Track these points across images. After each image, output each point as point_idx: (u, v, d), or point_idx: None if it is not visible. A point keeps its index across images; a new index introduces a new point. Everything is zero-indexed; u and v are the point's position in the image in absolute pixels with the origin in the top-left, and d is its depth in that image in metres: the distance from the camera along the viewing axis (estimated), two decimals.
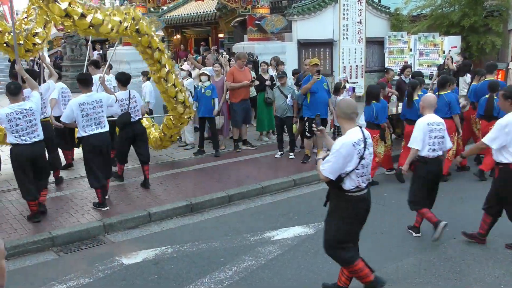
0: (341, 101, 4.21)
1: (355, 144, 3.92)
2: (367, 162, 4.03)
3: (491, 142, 5.17)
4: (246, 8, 12.91)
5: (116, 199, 7.13)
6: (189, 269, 5.13)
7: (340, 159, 3.91)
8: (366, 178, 4.08)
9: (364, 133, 4.05)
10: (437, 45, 14.44)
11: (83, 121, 6.50)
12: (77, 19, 6.45)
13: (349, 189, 4.01)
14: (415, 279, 4.82)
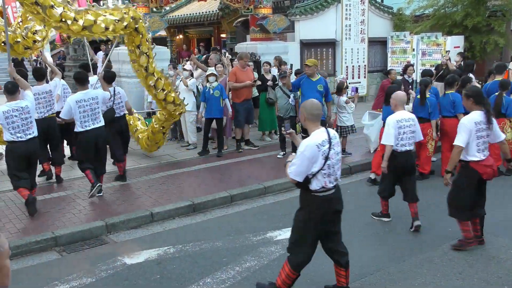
0: (306, 103, 4.25)
1: (319, 146, 3.96)
2: (334, 162, 4.06)
3: (464, 143, 5.23)
4: (249, 8, 12.92)
5: (119, 199, 7.14)
6: (191, 269, 5.14)
7: (305, 161, 3.96)
8: (334, 178, 4.12)
9: (330, 134, 4.09)
10: (440, 45, 14.41)
11: (80, 117, 6.86)
12: (71, 24, 6.72)
13: (315, 189, 4.06)
14: (417, 279, 4.81)
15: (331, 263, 4.61)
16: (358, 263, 5.17)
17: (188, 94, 9.61)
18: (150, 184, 7.78)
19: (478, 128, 5.16)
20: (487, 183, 5.44)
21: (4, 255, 1.84)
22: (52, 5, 6.53)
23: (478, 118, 5.19)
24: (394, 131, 5.87)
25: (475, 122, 5.18)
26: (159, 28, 11.31)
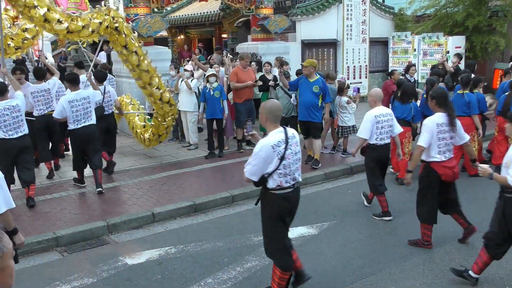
0: (266, 103, 4.31)
1: (274, 146, 4.02)
2: (290, 162, 4.10)
3: (425, 143, 5.29)
4: (250, 9, 12.93)
5: (120, 199, 7.15)
6: (192, 269, 5.14)
7: (260, 161, 4.03)
8: (291, 178, 4.16)
9: (288, 134, 4.12)
10: (441, 45, 14.41)
11: (73, 116, 7.19)
12: (55, 25, 6.96)
13: (272, 187, 4.14)
14: (419, 279, 4.81)
15: (335, 264, 4.60)
16: (359, 263, 5.18)
17: (190, 95, 9.61)
18: (151, 184, 7.79)
19: (439, 129, 5.23)
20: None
21: (7, 255, 1.85)
22: (35, 5, 6.77)
23: (440, 120, 5.26)
24: (370, 126, 6.25)
25: (436, 124, 5.24)
26: (160, 29, 11.32)
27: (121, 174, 8.35)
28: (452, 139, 5.32)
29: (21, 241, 3.82)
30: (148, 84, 8.41)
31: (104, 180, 8.00)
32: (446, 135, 5.25)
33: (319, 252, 5.47)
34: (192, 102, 9.59)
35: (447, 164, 5.29)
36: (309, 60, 8.60)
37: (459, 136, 5.36)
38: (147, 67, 8.31)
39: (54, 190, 7.57)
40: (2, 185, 3.64)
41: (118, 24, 7.73)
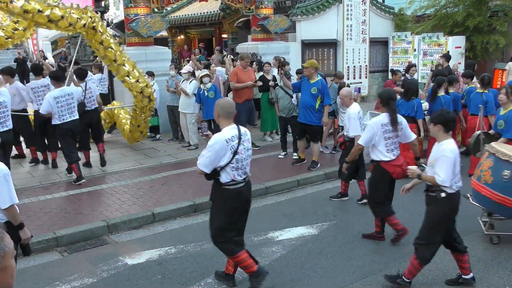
0: (220, 100, 4.53)
1: (228, 140, 4.23)
2: (242, 157, 4.32)
3: (364, 142, 5.49)
4: (250, 9, 12.93)
5: (120, 199, 7.15)
6: (192, 269, 5.14)
7: (214, 154, 4.21)
8: (243, 172, 4.37)
9: (241, 130, 4.34)
10: (441, 45, 14.41)
11: (58, 111, 7.56)
12: (36, 14, 7.40)
13: (225, 182, 4.32)
14: (419, 279, 4.80)
15: (335, 264, 4.59)
16: (359, 263, 5.18)
17: (189, 97, 9.59)
18: (151, 184, 7.79)
19: (384, 129, 5.34)
20: None
21: (9, 254, 1.86)
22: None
23: (385, 120, 5.35)
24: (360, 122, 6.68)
25: (381, 124, 5.35)
26: (160, 29, 11.32)
27: (122, 174, 8.36)
28: (397, 137, 5.46)
29: (27, 236, 3.90)
30: (127, 77, 8.89)
31: (104, 180, 8.01)
32: (391, 135, 5.38)
33: (319, 251, 5.47)
34: (191, 103, 9.58)
35: (396, 162, 5.42)
36: (310, 61, 8.56)
37: (404, 134, 5.48)
38: (122, 62, 8.81)
39: (54, 190, 7.57)
40: (8, 180, 3.71)
41: (95, 23, 8.28)
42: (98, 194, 7.41)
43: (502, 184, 5.19)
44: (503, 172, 5.19)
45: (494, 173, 5.28)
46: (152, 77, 10.56)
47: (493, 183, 5.27)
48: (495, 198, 5.27)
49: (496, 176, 5.23)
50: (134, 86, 8.94)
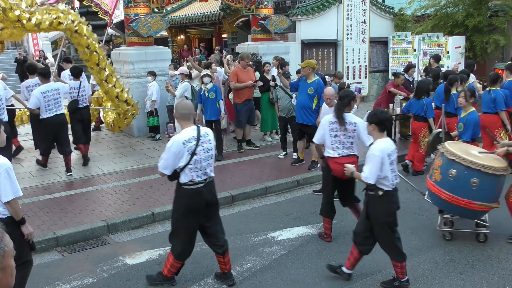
0: (179, 103, 4.70)
1: (185, 142, 4.32)
2: (201, 158, 4.39)
3: (316, 139, 5.71)
4: (250, 9, 12.92)
5: (120, 199, 7.15)
6: (192, 269, 5.14)
7: (171, 156, 4.32)
8: (203, 173, 4.45)
9: (200, 132, 4.43)
10: (441, 45, 14.41)
11: (45, 106, 7.96)
12: (26, 23, 7.87)
13: (183, 182, 4.41)
14: (419, 280, 4.81)
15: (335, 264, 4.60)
16: (359, 263, 5.17)
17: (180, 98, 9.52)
18: (151, 184, 7.79)
19: (331, 127, 5.52)
20: None
21: (9, 254, 1.86)
22: (11, 8, 7.67)
23: (332, 119, 5.54)
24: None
25: (329, 122, 5.55)
26: (160, 29, 11.32)
27: (121, 174, 8.36)
28: (350, 138, 5.51)
29: (29, 231, 3.99)
30: (105, 81, 9.38)
31: (104, 180, 8.01)
32: (339, 133, 5.49)
33: (319, 251, 5.47)
34: None
35: (338, 160, 5.46)
36: (307, 60, 8.55)
37: (359, 138, 5.52)
38: (104, 66, 9.29)
39: (54, 190, 7.57)
40: (10, 174, 3.79)
41: (78, 27, 8.69)
42: (98, 194, 7.41)
43: (448, 183, 5.38)
44: (450, 171, 5.35)
45: (442, 172, 5.47)
46: (153, 77, 10.56)
47: (441, 181, 5.46)
48: (443, 196, 5.45)
49: (444, 174, 5.42)
50: (111, 91, 9.47)
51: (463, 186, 5.25)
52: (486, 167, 5.16)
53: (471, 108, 6.42)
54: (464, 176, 5.24)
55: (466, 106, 6.45)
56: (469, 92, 6.41)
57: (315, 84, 8.11)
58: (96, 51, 9.06)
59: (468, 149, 5.66)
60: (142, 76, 10.90)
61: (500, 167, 5.21)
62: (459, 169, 5.27)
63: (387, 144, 4.48)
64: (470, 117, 6.33)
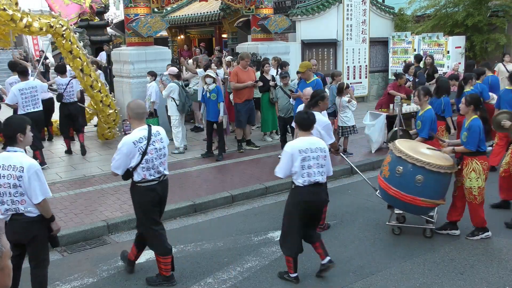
0: (130, 103, 4.67)
1: (135, 142, 4.40)
2: (153, 157, 4.48)
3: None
4: (250, 9, 12.91)
5: (120, 199, 7.15)
6: (192, 269, 5.14)
7: (123, 156, 4.42)
8: (156, 171, 4.54)
9: (151, 131, 4.49)
10: (441, 45, 14.40)
11: (22, 102, 8.40)
12: (18, 22, 8.43)
13: (137, 180, 4.54)
14: (419, 280, 4.81)
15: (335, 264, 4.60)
16: (359, 264, 5.18)
17: (170, 100, 9.53)
18: None
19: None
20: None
21: (6, 255, 1.87)
22: (4, 8, 8.27)
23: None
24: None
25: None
26: (160, 29, 11.31)
27: None
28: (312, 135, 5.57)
29: (58, 227, 4.25)
30: (90, 86, 9.92)
31: (104, 180, 8.01)
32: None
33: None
34: (173, 106, 9.48)
35: None
36: (303, 63, 8.57)
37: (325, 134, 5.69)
38: (89, 72, 9.85)
39: (54, 190, 7.56)
40: (39, 175, 3.93)
41: (65, 32, 9.43)
42: (98, 194, 7.41)
43: (396, 179, 5.55)
44: (397, 168, 5.50)
45: (390, 168, 5.64)
46: (153, 77, 10.54)
47: (389, 177, 5.64)
48: (391, 192, 5.62)
49: (392, 171, 5.59)
50: (96, 95, 10.05)
51: (409, 183, 5.44)
52: (431, 165, 5.36)
53: (427, 106, 6.51)
54: (409, 173, 5.44)
55: (421, 104, 6.54)
56: (423, 91, 6.52)
57: (314, 83, 8.16)
58: (79, 57, 9.67)
59: (418, 146, 5.89)
60: (142, 76, 10.89)
61: (444, 165, 5.42)
62: (405, 166, 5.46)
63: (301, 142, 4.75)
64: (427, 115, 6.40)
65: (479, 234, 5.67)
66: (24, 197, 3.92)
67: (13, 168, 3.86)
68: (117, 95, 11.79)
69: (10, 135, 3.95)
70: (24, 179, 3.85)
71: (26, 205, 3.95)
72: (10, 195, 3.90)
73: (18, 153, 3.94)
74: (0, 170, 3.88)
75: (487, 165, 5.61)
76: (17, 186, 3.87)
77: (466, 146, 5.53)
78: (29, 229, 4.03)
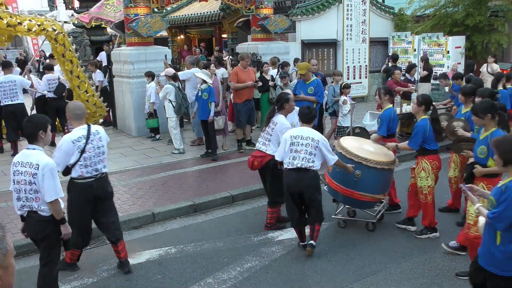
0: (70, 104, 4.93)
1: (74, 141, 4.64)
2: (91, 155, 4.72)
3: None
4: (250, 9, 12.91)
5: (120, 199, 7.15)
6: (192, 269, 5.14)
7: (62, 154, 4.65)
8: (93, 169, 4.77)
9: (91, 131, 4.72)
10: (441, 45, 14.40)
11: (1, 95, 9.17)
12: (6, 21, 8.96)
13: (74, 177, 4.77)
14: (419, 279, 4.81)
15: (335, 264, 4.59)
16: (359, 263, 5.18)
17: (166, 101, 9.51)
18: (151, 184, 7.79)
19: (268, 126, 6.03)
20: None
21: (10, 254, 1.89)
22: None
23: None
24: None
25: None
26: (160, 29, 11.31)
27: (121, 174, 8.36)
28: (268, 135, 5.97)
29: (68, 231, 4.29)
30: (77, 87, 10.48)
31: None
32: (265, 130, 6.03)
33: (319, 252, 5.47)
34: (170, 107, 9.46)
35: (253, 153, 6.11)
36: (302, 64, 8.57)
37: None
38: (77, 74, 10.38)
39: None
40: (54, 174, 4.06)
41: (58, 36, 9.90)
42: None
43: (337, 174, 5.85)
44: None
45: None
46: (151, 78, 10.54)
47: (332, 172, 5.98)
48: (333, 186, 5.95)
49: (334, 167, 5.78)
50: (82, 95, 10.55)
51: (349, 177, 5.70)
52: (368, 160, 5.64)
53: (388, 105, 6.57)
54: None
55: (382, 103, 6.62)
56: (383, 90, 6.61)
57: (314, 83, 8.19)
58: (71, 61, 10.25)
59: (364, 144, 6.17)
60: (142, 76, 10.90)
61: (382, 162, 5.67)
62: (345, 162, 5.63)
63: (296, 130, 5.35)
64: (385, 114, 6.48)
65: (427, 233, 5.80)
66: (38, 194, 4.02)
67: (29, 165, 3.97)
68: (117, 95, 11.80)
69: (32, 132, 4.04)
70: (39, 176, 3.96)
71: (40, 203, 4.05)
72: (26, 191, 4.02)
73: (36, 151, 4.04)
74: (19, 167, 4.02)
75: (437, 164, 5.71)
76: (32, 183, 3.98)
77: (409, 144, 5.76)
78: (41, 228, 4.15)
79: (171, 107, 9.44)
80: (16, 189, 4.07)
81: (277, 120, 5.88)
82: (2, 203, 7.04)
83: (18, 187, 4.04)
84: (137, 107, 10.98)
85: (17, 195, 4.07)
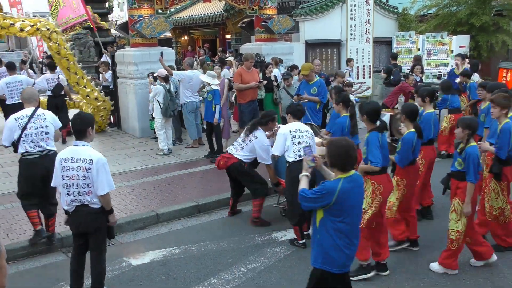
0: (24, 89, 5.76)
1: (17, 119, 5.33)
2: (32, 133, 5.30)
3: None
4: (254, 9, 12.92)
5: (124, 200, 7.17)
6: (196, 270, 5.15)
7: (7, 130, 5.32)
8: (36, 145, 5.35)
9: (36, 112, 5.34)
10: (445, 45, 14.36)
11: (8, 94, 9.85)
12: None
13: (21, 152, 5.38)
14: (423, 280, 4.80)
15: None
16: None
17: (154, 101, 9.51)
18: (155, 185, 7.81)
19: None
20: None
21: (2, 255, 1.92)
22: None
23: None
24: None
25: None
26: (164, 30, 11.33)
27: (126, 175, 8.38)
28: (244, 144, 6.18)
29: (114, 220, 4.60)
30: (76, 83, 10.97)
31: None
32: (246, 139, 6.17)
33: None
34: (157, 108, 9.43)
35: (225, 154, 6.38)
36: (305, 66, 8.55)
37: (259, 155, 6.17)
38: (75, 70, 10.82)
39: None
40: (107, 169, 4.28)
41: (51, 35, 10.35)
42: None
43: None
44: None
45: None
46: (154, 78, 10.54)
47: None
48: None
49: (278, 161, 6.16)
50: (81, 91, 11.09)
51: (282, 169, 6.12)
52: None
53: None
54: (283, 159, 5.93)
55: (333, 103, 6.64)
56: (334, 90, 6.73)
57: (318, 84, 8.19)
58: (67, 58, 10.64)
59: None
60: (146, 77, 10.91)
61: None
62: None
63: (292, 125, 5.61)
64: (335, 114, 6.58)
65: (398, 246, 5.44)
66: (91, 188, 4.20)
67: (82, 160, 4.13)
68: (121, 96, 11.83)
69: (82, 129, 4.21)
70: (93, 171, 4.14)
71: (92, 196, 4.24)
72: (78, 186, 4.17)
73: (86, 147, 4.22)
74: (69, 163, 4.15)
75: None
76: (86, 178, 4.15)
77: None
78: (94, 220, 4.35)
79: (158, 108, 9.42)
80: (66, 184, 4.19)
81: (257, 135, 6.11)
82: (7, 204, 7.07)
83: (68, 182, 4.17)
84: (141, 108, 11.00)
85: (67, 190, 4.20)
